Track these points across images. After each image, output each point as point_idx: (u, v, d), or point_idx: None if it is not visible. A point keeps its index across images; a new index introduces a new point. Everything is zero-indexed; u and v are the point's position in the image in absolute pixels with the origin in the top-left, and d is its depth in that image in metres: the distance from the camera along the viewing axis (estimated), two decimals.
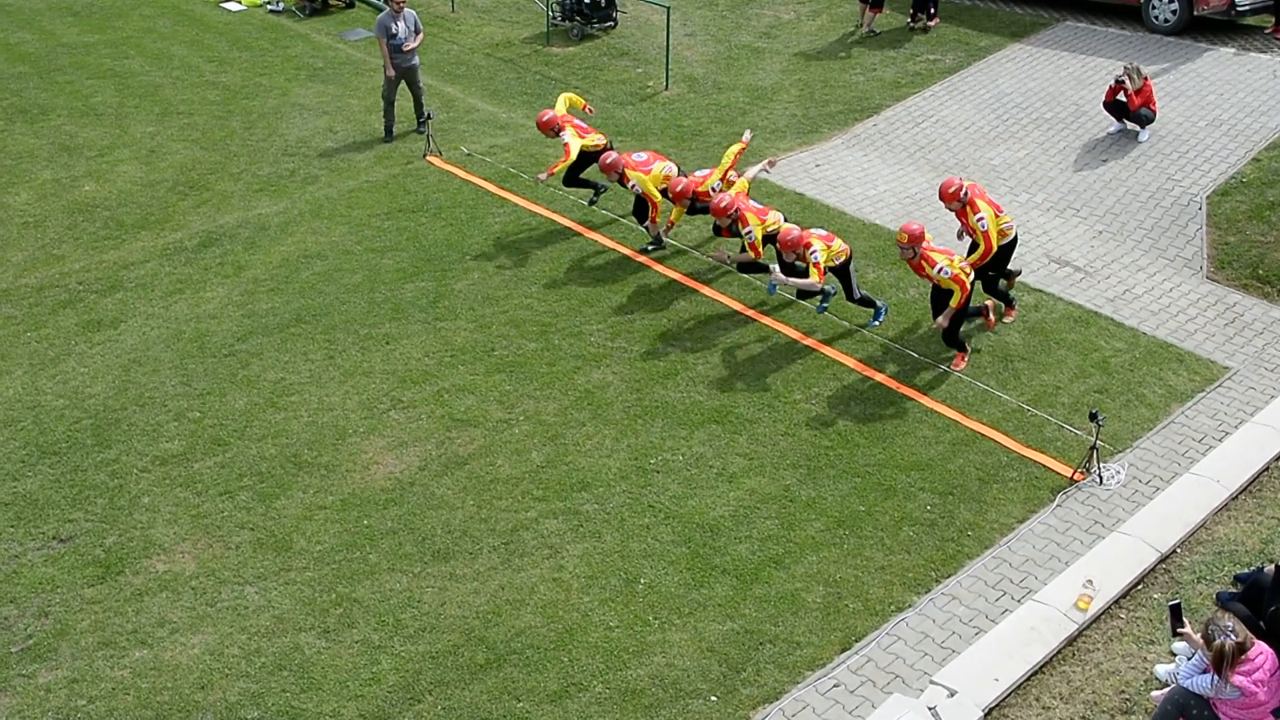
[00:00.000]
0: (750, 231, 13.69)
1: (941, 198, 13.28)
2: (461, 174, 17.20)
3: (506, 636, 9.97)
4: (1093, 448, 11.49)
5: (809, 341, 13.48)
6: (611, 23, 22.85)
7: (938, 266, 12.58)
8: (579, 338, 13.62)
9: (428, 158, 17.87)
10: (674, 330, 13.71)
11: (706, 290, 14.41)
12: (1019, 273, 14.29)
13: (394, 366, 13.25)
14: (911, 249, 12.65)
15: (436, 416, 12.47)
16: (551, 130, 15.44)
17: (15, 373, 13.41)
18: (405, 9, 18.00)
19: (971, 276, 12.77)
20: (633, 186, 14.91)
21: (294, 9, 24.53)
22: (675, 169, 15.13)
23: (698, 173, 14.99)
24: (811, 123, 19.01)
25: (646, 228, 15.34)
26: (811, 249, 13.13)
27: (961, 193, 13.15)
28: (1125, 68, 17.12)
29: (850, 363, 13.17)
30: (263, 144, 18.64)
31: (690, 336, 13.59)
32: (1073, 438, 11.98)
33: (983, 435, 12.10)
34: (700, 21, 23.21)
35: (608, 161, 14.82)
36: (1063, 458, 11.78)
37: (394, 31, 17.88)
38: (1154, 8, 20.73)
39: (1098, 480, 11.47)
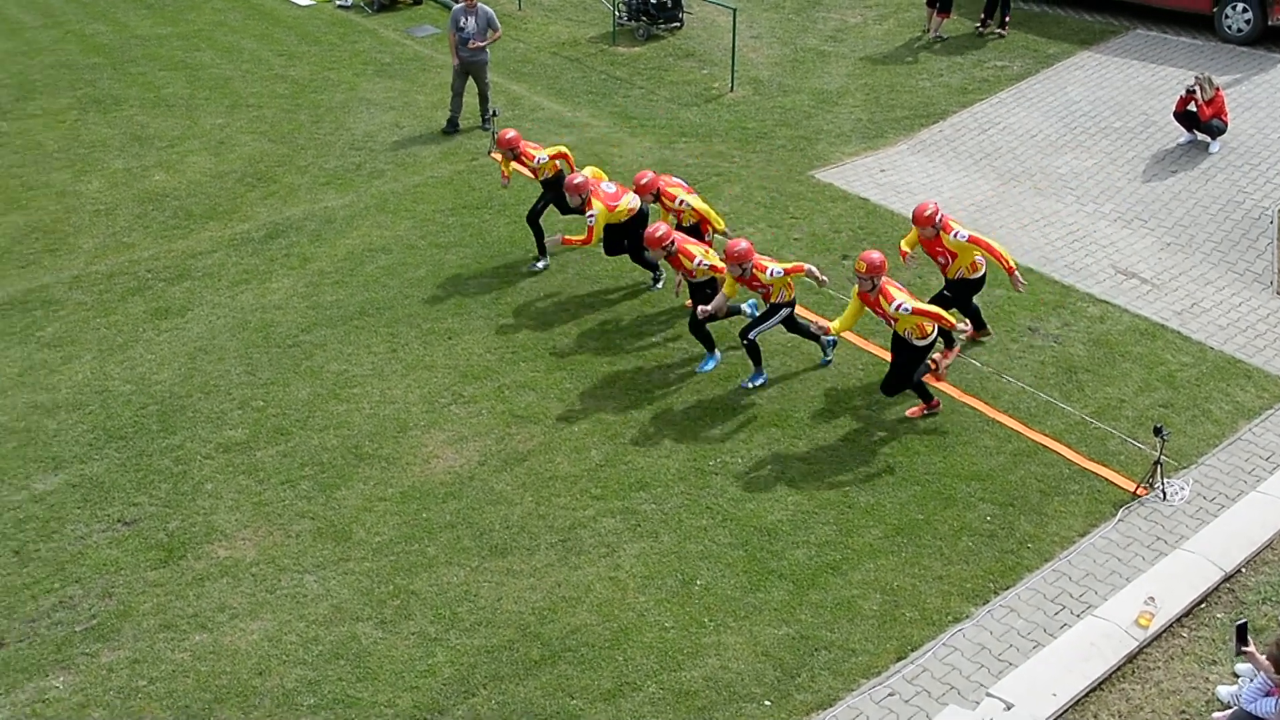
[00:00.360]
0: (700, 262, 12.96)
1: (916, 221, 12.70)
2: (526, 172, 17.25)
3: (561, 633, 10.01)
4: (1157, 463, 11.36)
5: (870, 347, 13.42)
6: (677, 23, 22.85)
7: (895, 303, 11.68)
8: (640, 338, 13.64)
9: (492, 155, 17.95)
10: (734, 334, 13.68)
11: None
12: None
13: (456, 361, 13.34)
14: (870, 280, 11.72)
15: (497, 412, 12.53)
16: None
17: (84, 358, 13.62)
18: (479, 5, 18.14)
19: (934, 332, 11.97)
20: (590, 217, 13.80)
21: (363, 4, 24.71)
22: (640, 203, 14.16)
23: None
24: (877, 128, 18.92)
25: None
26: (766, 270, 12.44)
27: (937, 218, 12.55)
28: (1196, 78, 16.91)
29: None
30: (330, 138, 18.81)
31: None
32: (1136, 452, 11.85)
33: (1045, 447, 12.00)
34: (766, 24, 23.16)
35: (574, 182, 13.85)
36: (1126, 472, 11.65)
37: (462, 25, 18.09)
38: (1227, 17, 20.46)
39: (1161, 496, 11.34)
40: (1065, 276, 14.76)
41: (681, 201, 13.94)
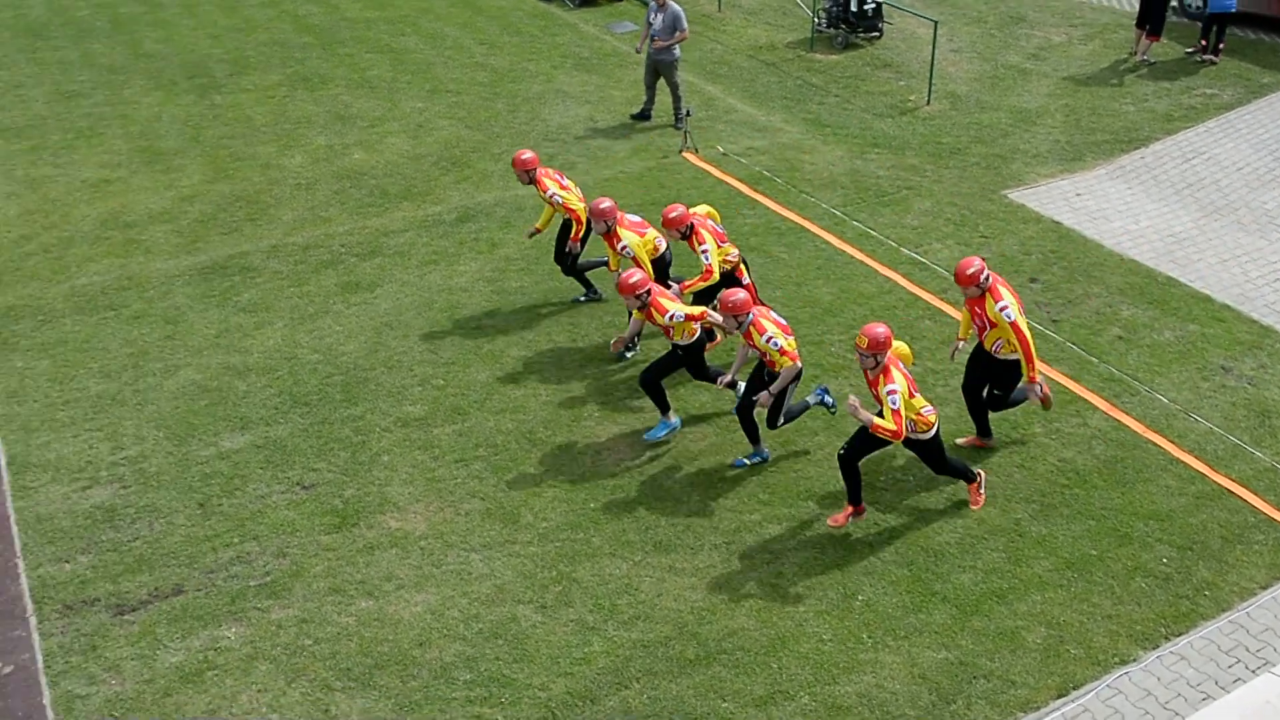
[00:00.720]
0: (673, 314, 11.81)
1: (958, 280, 11.32)
2: (716, 172, 17.29)
3: (718, 635, 10.01)
4: None
5: (1054, 374, 13.10)
6: (877, 33, 22.64)
7: (887, 388, 10.34)
8: (819, 345, 13.55)
9: (684, 154, 18.05)
10: (916, 349, 13.45)
11: (953, 312, 14.14)
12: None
13: (636, 356, 13.44)
14: (873, 357, 10.32)
15: (679, 409, 12.59)
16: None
17: (277, 324, 14.12)
18: (670, 4, 18.29)
19: (935, 427, 10.74)
20: (623, 248, 12.89)
21: None
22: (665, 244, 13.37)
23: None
24: (1075, 150, 18.46)
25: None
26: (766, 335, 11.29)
27: (982, 277, 11.17)
28: None
29: (1097, 400, 12.74)
30: (525, 127, 19.13)
31: (933, 358, 13.35)
32: None
33: (1230, 492, 11.55)
34: (967, 38, 22.79)
35: (600, 206, 12.85)
36: None
37: (650, 22, 18.32)
38: None
39: None
40: (1265, 316, 14.18)
41: (705, 250, 12.69)
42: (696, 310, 11.72)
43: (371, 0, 25.43)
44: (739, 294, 11.29)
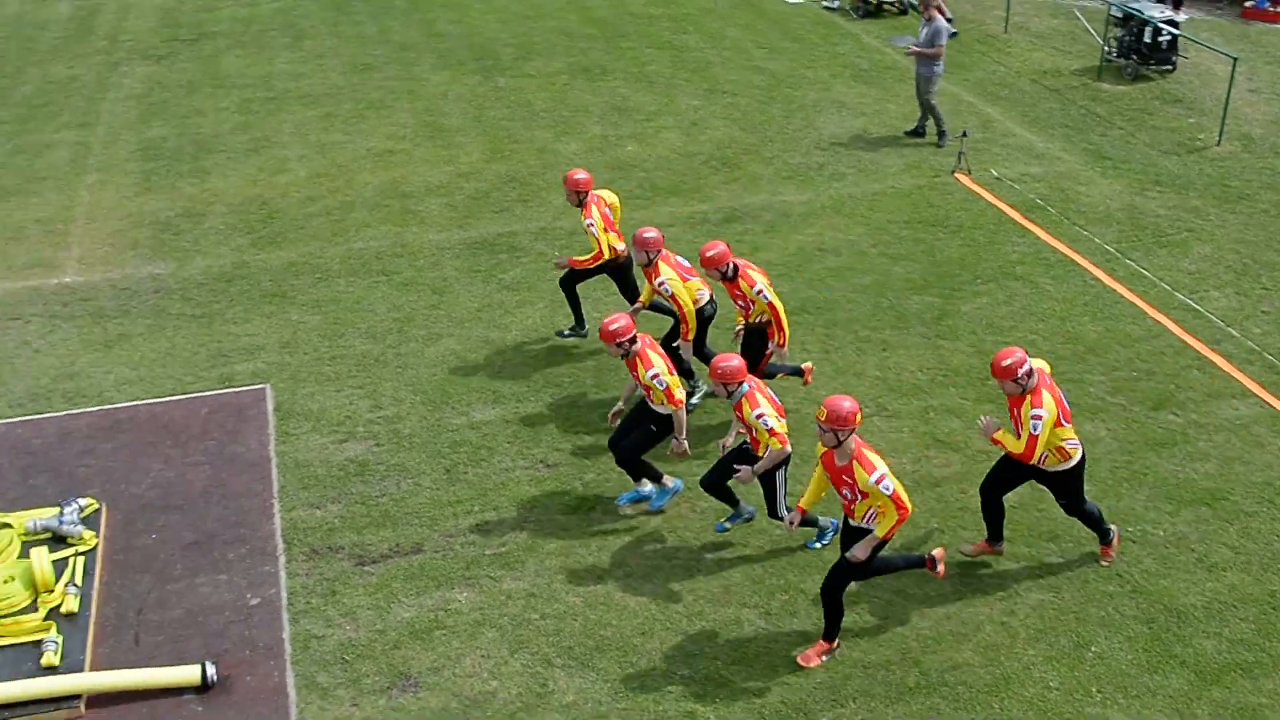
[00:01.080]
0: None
1: (993, 371, 10.03)
2: (987, 196, 16.94)
3: (941, 667, 9.81)
4: None
5: None
6: (1170, 66, 21.73)
7: (875, 474, 9.27)
8: (1079, 385, 13.10)
9: (956, 174, 17.73)
10: (1180, 398, 12.93)
11: (1223, 364, 13.49)
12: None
13: (886, 374, 13.29)
14: (833, 433, 9.31)
15: (918, 432, 12.40)
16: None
17: (537, 305, 14.52)
18: (936, 18, 18.06)
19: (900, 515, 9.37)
20: (661, 283, 12.16)
21: (848, 8, 24.93)
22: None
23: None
24: None
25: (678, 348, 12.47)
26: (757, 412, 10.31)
27: (1021, 371, 9.78)
28: None
29: None
30: (798, 134, 19.12)
31: (1197, 409, 12.75)
32: None
33: None
34: (1268, 78, 21.65)
35: (645, 236, 12.14)
36: None
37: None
38: None
39: None
40: None
41: (760, 291, 11.81)
42: (678, 393, 10.86)
43: None
44: (733, 360, 10.30)
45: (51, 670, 9.65)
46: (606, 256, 13.07)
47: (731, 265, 11.82)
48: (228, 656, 9.90)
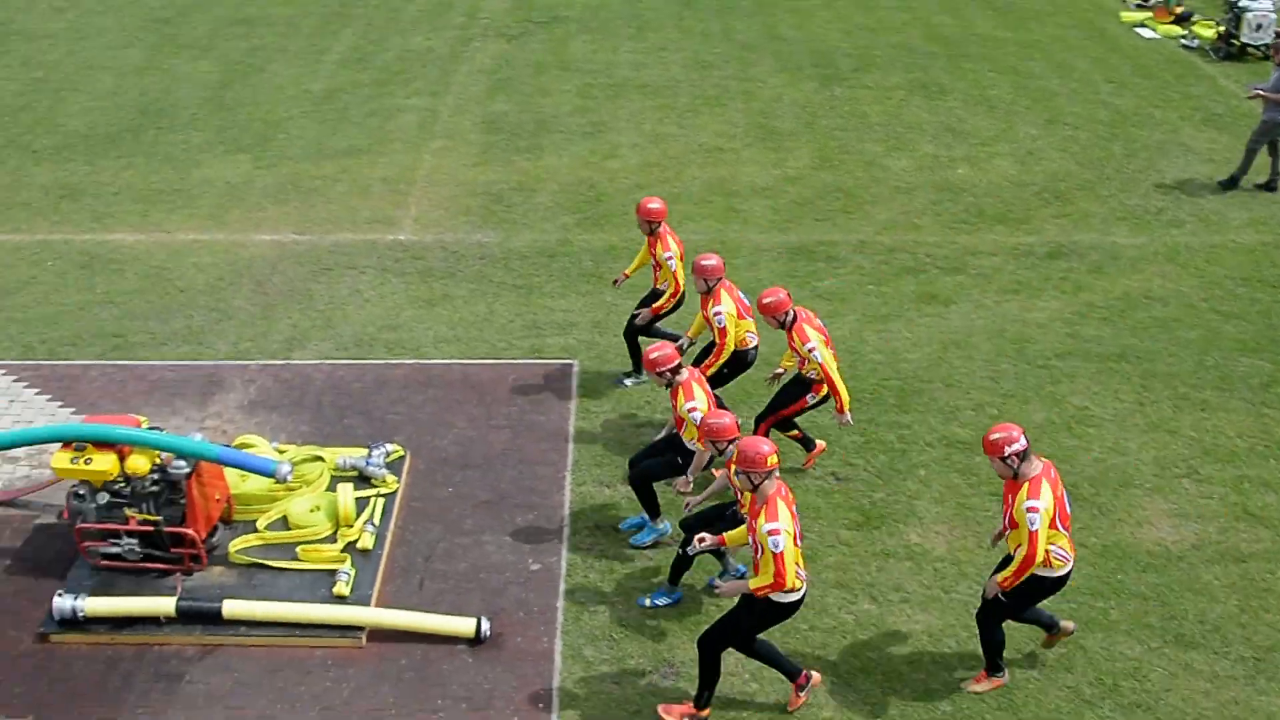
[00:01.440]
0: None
1: (984, 448, 9.13)
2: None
3: None
4: None
5: None
6: None
7: (768, 526, 8.66)
8: None
9: None
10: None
11: None
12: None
13: (1202, 435, 12.62)
14: (744, 476, 8.86)
15: (1229, 502, 11.72)
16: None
17: (848, 317, 14.44)
18: None
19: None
20: (716, 313, 11.80)
21: (1208, 48, 23.72)
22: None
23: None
24: None
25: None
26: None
27: (1009, 449, 8.92)
28: None
29: None
30: (1138, 174, 18.34)
31: None
32: None
33: None
34: None
35: (705, 264, 11.79)
36: None
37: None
38: None
39: None
40: None
41: (812, 350, 11.26)
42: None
43: (1006, 20, 25.23)
44: (724, 418, 9.73)
45: (341, 600, 10.25)
46: (683, 291, 12.75)
47: (791, 314, 11.35)
48: (503, 615, 10.28)
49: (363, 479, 11.53)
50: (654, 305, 12.76)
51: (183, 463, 10.41)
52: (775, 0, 26.32)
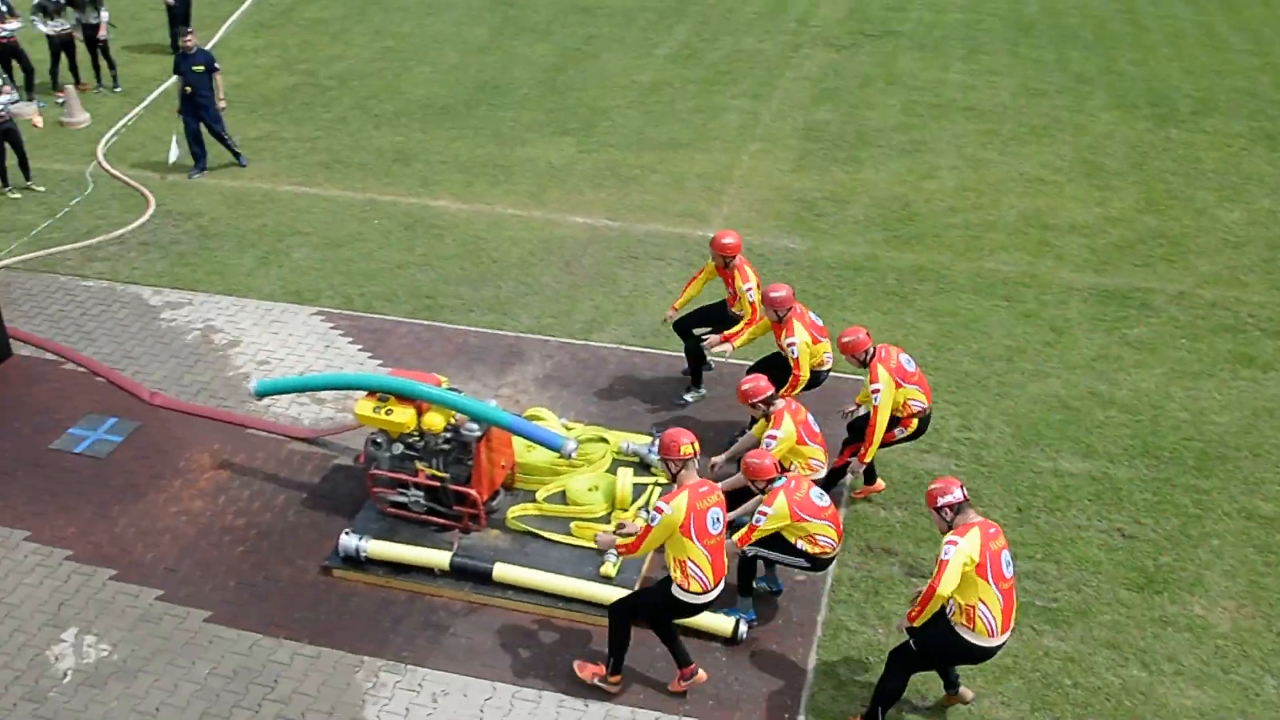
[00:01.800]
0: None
1: (926, 501, 9.17)
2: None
3: None
4: None
5: None
6: None
7: (658, 504, 9.19)
8: None
9: None
10: None
11: None
12: None
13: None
14: (664, 464, 9.50)
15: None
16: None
17: (1155, 369, 13.84)
18: None
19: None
20: (790, 344, 11.60)
21: None
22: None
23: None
24: None
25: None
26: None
27: (942, 501, 8.94)
28: None
29: None
30: None
31: None
32: None
33: None
34: None
35: (775, 295, 11.66)
36: None
37: None
38: None
39: None
40: None
41: (876, 390, 10.88)
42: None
43: None
44: (766, 459, 9.79)
45: (607, 581, 10.51)
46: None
47: (869, 353, 11.02)
48: (762, 621, 10.36)
49: (643, 466, 11.79)
50: (725, 333, 12.59)
51: (475, 426, 10.90)
52: (1118, 33, 25.35)
